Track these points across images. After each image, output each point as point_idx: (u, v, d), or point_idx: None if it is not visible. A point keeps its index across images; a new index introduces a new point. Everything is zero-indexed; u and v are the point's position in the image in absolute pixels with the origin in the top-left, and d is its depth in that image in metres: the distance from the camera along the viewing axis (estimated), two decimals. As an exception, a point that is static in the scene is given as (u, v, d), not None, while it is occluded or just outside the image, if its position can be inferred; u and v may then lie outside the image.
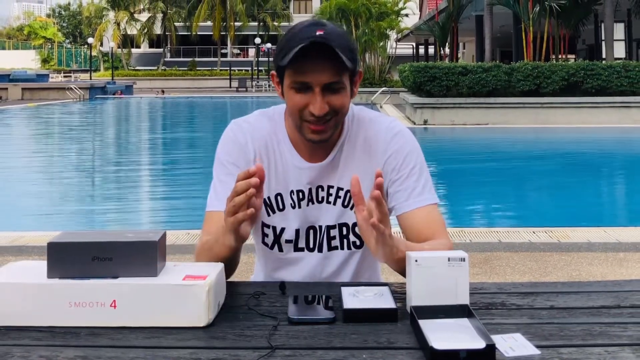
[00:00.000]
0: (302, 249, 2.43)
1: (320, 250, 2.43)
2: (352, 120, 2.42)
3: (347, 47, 2.19)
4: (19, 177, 15.47)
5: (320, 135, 2.26)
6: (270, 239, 2.44)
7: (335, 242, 2.43)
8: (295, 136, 2.38)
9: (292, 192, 2.39)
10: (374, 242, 1.98)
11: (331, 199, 2.40)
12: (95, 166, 18.60)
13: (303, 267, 2.44)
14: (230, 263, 2.16)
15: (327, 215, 2.40)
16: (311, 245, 2.43)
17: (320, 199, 2.40)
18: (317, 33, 2.15)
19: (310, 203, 2.40)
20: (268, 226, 2.43)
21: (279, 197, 2.40)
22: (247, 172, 1.93)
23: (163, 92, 57.40)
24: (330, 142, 2.36)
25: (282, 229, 2.41)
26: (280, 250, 2.43)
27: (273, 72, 2.35)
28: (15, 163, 18.13)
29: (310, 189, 2.39)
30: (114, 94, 53.60)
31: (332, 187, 2.39)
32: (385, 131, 2.41)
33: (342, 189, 2.39)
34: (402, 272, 2.04)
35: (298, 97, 2.22)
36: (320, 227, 2.42)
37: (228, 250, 2.12)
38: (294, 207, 2.40)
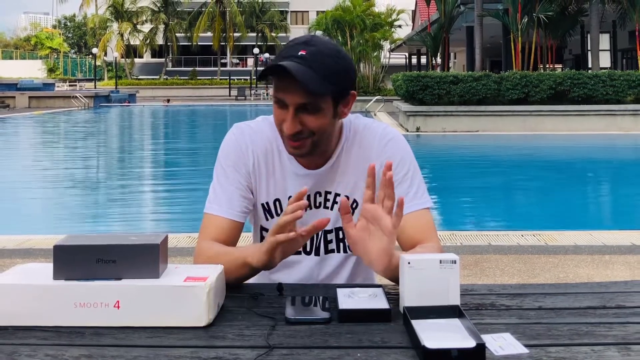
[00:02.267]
0: (299, 252, 2.42)
1: (317, 254, 2.43)
2: (349, 129, 2.41)
3: (328, 71, 2.14)
4: (26, 182, 15.46)
5: (297, 150, 2.25)
6: None
7: (332, 246, 2.43)
8: None
9: (290, 197, 2.39)
10: (369, 246, 1.98)
11: (328, 204, 2.40)
12: (100, 171, 18.59)
13: (300, 270, 2.43)
14: (240, 282, 2.16)
15: None
16: (308, 249, 2.43)
17: (317, 205, 2.40)
18: (299, 53, 2.12)
19: (308, 208, 2.39)
20: (267, 230, 2.43)
21: (277, 202, 2.40)
22: (299, 194, 1.94)
23: (168, 101, 57.37)
24: (328, 149, 2.36)
25: None
26: None
27: None
28: (23, 169, 18.12)
29: (308, 195, 2.38)
30: (121, 103, 53.70)
31: (330, 192, 2.39)
32: (380, 138, 2.40)
33: (339, 195, 2.39)
34: (396, 281, 2.05)
35: (278, 112, 2.21)
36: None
37: (248, 272, 2.12)
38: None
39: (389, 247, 1.95)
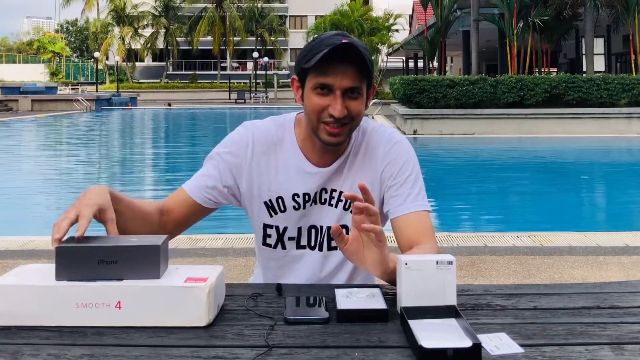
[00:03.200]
0: (304, 247, 2.44)
1: (320, 249, 2.44)
2: (358, 130, 2.43)
3: (369, 58, 2.22)
4: (30, 184, 15.45)
5: (335, 138, 2.27)
6: (273, 239, 2.44)
7: (335, 243, 2.43)
8: (304, 142, 2.40)
9: (296, 195, 2.39)
10: (365, 252, 1.98)
11: (333, 201, 2.41)
12: (101, 173, 18.58)
13: (304, 266, 2.44)
14: (135, 217, 2.25)
15: (328, 216, 2.41)
16: (312, 244, 2.44)
17: (323, 201, 2.41)
18: (343, 41, 2.18)
19: (313, 204, 2.41)
20: (271, 226, 2.44)
21: (279, 200, 2.41)
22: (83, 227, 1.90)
23: (170, 104, 57.35)
24: (338, 148, 2.38)
25: (285, 228, 2.42)
26: (284, 247, 2.44)
27: (294, 76, 2.37)
28: (26, 171, 18.11)
29: (316, 192, 2.40)
30: (122, 106, 53.80)
31: (335, 190, 2.41)
32: (386, 141, 2.43)
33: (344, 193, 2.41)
34: (394, 283, 2.06)
35: (319, 99, 2.24)
36: (322, 227, 2.43)
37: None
38: (297, 209, 2.40)
39: (380, 257, 1.96)
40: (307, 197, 2.40)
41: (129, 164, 20.66)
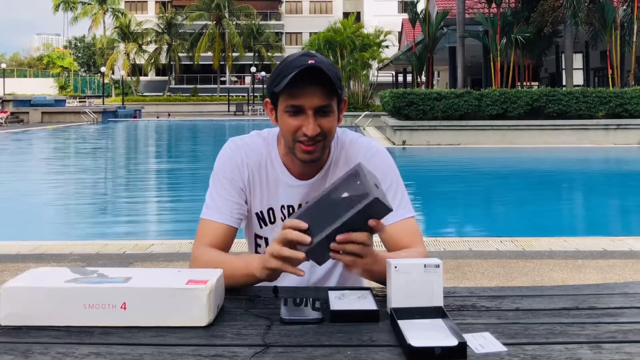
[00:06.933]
0: None
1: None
2: (336, 143, 2.41)
3: (335, 75, 2.19)
4: (40, 191, 15.41)
5: (311, 155, 2.25)
6: (262, 249, 2.44)
7: None
8: (286, 157, 2.38)
9: (283, 206, 2.39)
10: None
11: None
12: (108, 181, 18.56)
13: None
14: (240, 287, 2.15)
15: None
16: None
17: None
18: (309, 62, 2.15)
19: None
20: (261, 237, 2.44)
21: (270, 211, 2.40)
22: (297, 224, 1.86)
23: (169, 115, 57.45)
24: (323, 158, 2.36)
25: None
26: None
27: (267, 99, 2.34)
28: (37, 178, 18.07)
29: (299, 205, 2.38)
30: (127, 118, 53.91)
31: None
32: (365, 151, 2.40)
33: None
34: (377, 281, 2.07)
35: (292, 120, 2.21)
36: None
37: (248, 282, 2.11)
38: (284, 220, 2.38)
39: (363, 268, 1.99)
40: (291, 209, 2.39)
41: (133, 171, 20.64)
